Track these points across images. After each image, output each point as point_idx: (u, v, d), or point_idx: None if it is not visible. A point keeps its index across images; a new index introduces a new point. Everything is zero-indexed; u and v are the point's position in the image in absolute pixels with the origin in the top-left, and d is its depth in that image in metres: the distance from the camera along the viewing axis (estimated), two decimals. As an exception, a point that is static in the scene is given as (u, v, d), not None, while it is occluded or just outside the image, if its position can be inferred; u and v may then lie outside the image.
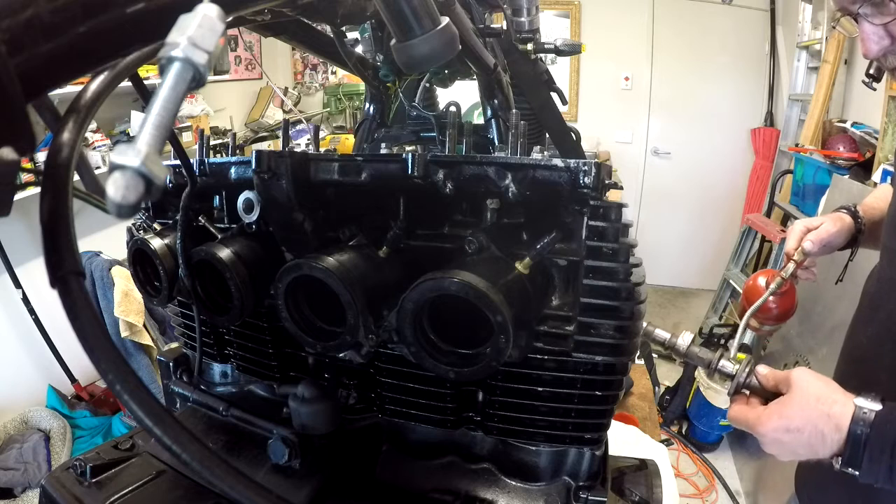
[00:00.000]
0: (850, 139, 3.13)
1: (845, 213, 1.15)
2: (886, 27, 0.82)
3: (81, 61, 0.33)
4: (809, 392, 0.73)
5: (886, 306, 0.99)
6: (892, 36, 0.82)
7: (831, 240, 1.10)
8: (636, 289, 0.65)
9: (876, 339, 1.00)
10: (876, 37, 0.83)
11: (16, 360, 2.85)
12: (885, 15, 0.80)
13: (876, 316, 1.02)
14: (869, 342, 1.02)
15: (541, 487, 0.75)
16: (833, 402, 0.72)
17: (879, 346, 0.99)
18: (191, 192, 0.78)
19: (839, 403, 0.72)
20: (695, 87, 4.90)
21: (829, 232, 1.10)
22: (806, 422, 0.72)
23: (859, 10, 0.82)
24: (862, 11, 0.82)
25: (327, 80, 5.40)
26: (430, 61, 0.57)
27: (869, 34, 0.84)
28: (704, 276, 5.10)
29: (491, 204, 0.65)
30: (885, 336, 0.98)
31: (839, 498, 1.06)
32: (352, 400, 0.84)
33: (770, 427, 0.74)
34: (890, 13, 0.79)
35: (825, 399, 0.72)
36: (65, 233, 0.32)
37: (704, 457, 3.18)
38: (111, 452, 0.84)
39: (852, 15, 0.85)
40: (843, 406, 0.71)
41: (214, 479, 0.33)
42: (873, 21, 0.82)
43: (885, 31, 0.82)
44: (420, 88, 1.28)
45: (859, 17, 0.84)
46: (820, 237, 1.09)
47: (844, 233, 1.12)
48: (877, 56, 0.86)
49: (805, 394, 0.73)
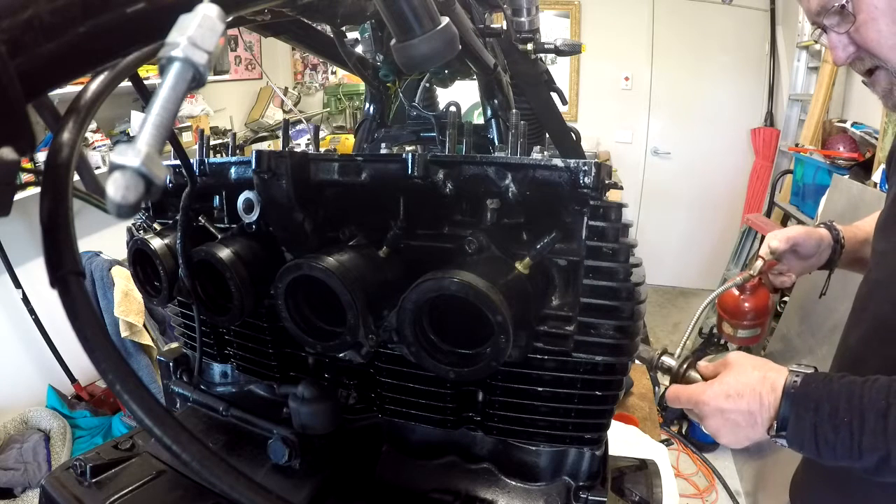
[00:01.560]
0: (850, 139, 3.13)
1: (822, 227, 1.17)
2: (849, 34, 0.86)
3: (81, 61, 0.33)
4: (746, 363, 0.79)
5: (873, 307, 1.01)
6: (855, 43, 0.87)
7: (798, 239, 1.12)
8: (636, 289, 0.65)
9: (863, 339, 1.02)
10: (841, 45, 0.88)
11: (16, 360, 2.85)
12: (847, 23, 0.85)
13: (864, 317, 1.03)
14: (857, 343, 1.03)
15: (541, 487, 0.75)
16: (769, 368, 0.78)
17: (866, 347, 1.00)
18: (191, 192, 0.78)
19: (774, 370, 0.77)
20: (695, 87, 4.90)
21: (797, 231, 1.12)
22: (744, 385, 0.77)
23: (824, 22, 0.88)
24: (827, 22, 0.87)
25: (327, 80, 5.40)
26: (430, 61, 0.57)
27: (835, 43, 0.89)
28: (704, 276, 5.11)
29: (491, 204, 0.65)
30: (872, 336, 0.99)
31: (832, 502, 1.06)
32: (352, 400, 0.84)
33: (710, 394, 0.78)
34: (850, 21, 0.85)
35: (761, 367, 0.78)
36: (65, 233, 0.32)
37: (704, 457, 3.18)
38: (111, 452, 0.84)
39: (821, 27, 0.90)
40: (777, 371, 0.77)
41: (214, 479, 0.33)
42: (838, 30, 0.87)
43: (848, 38, 0.87)
44: (420, 88, 1.28)
45: (826, 29, 0.89)
46: (786, 235, 1.12)
47: (815, 240, 1.13)
48: (845, 63, 0.91)
49: (742, 365, 0.80)
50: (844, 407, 0.70)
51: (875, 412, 0.68)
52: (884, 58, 0.85)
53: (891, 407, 0.67)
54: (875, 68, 0.89)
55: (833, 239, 1.15)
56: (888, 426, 0.67)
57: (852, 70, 0.94)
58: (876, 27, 0.83)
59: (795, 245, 1.12)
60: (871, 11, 0.82)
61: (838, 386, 0.72)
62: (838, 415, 0.70)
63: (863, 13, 0.83)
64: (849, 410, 0.69)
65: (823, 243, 1.14)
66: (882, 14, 0.82)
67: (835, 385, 0.72)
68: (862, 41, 0.85)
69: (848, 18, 0.85)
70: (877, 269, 1.02)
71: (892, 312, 0.94)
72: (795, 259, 1.15)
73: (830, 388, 0.72)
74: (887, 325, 0.95)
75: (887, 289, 0.97)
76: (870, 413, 0.68)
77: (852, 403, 0.69)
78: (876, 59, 0.86)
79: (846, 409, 0.69)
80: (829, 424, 0.70)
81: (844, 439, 0.69)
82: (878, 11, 0.82)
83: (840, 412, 0.70)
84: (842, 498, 1.02)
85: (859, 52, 0.88)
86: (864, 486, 0.95)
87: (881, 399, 0.68)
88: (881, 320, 0.97)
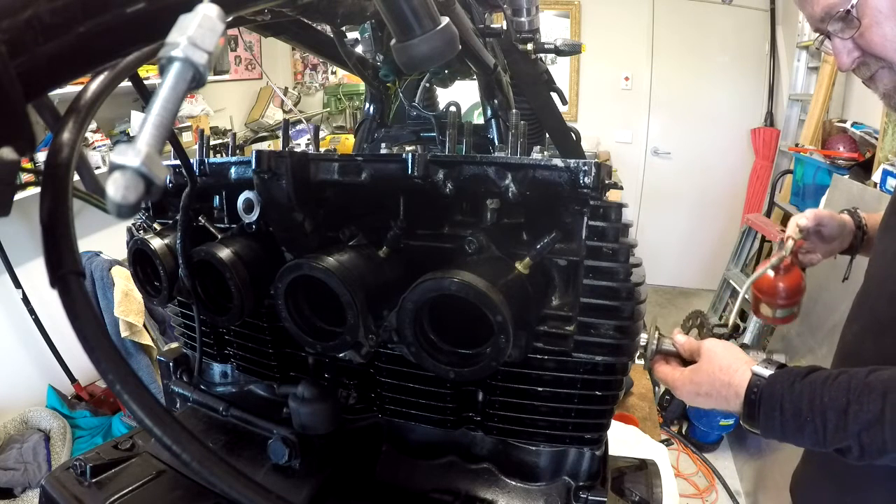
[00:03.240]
0: (850, 139, 3.13)
1: (845, 213, 1.20)
2: (854, 40, 0.87)
3: (81, 61, 0.33)
4: (714, 362, 0.82)
5: (869, 303, 1.03)
6: (860, 48, 0.88)
7: (824, 219, 1.14)
8: (636, 289, 0.65)
9: (860, 334, 1.04)
10: (846, 50, 0.89)
11: (16, 360, 2.85)
12: (851, 28, 0.86)
13: (861, 312, 1.06)
14: (854, 338, 1.06)
15: (541, 487, 0.75)
16: (734, 371, 0.80)
17: (862, 342, 1.02)
18: (191, 192, 0.78)
19: (739, 372, 0.80)
20: (695, 87, 4.90)
21: (823, 212, 1.15)
22: (711, 388, 0.82)
23: (829, 28, 0.88)
24: (831, 28, 0.88)
25: (327, 80, 5.40)
26: (430, 61, 0.57)
27: (839, 48, 0.90)
28: (704, 276, 5.10)
29: (491, 204, 0.65)
30: (867, 331, 1.01)
31: (830, 496, 1.08)
32: (352, 400, 0.84)
33: (684, 391, 0.85)
34: (854, 26, 0.85)
35: (727, 369, 0.81)
36: (65, 233, 0.32)
37: (704, 457, 3.18)
38: (111, 452, 0.84)
39: (825, 33, 0.91)
40: (741, 375, 0.80)
41: (214, 479, 0.33)
42: (842, 36, 0.88)
43: (853, 43, 0.88)
44: (420, 88, 1.28)
45: (830, 35, 0.89)
46: (814, 213, 1.14)
47: (839, 223, 1.16)
48: (850, 68, 0.91)
49: (711, 364, 0.83)
50: (807, 407, 0.73)
51: (835, 411, 0.71)
52: (890, 60, 0.86)
53: (850, 404, 0.70)
54: (878, 69, 0.89)
55: (855, 225, 1.18)
56: (848, 423, 0.70)
57: (854, 74, 0.94)
58: (881, 30, 0.84)
59: (820, 224, 1.14)
60: (875, 15, 0.83)
61: (800, 387, 0.75)
62: (801, 414, 0.73)
63: (867, 17, 0.84)
64: (811, 410, 0.73)
65: (847, 228, 1.18)
66: (886, 17, 0.83)
67: (797, 386, 0.75)
68: (867, 45, 0.86)
69: (852, 23, 0.85)
70: (875, 265, 1.05)
71: (887, 308, 0.96)
72: (819, 241, 1.17)
73: (793, 390, 0.75)
74: (882, 320, 0.97)
75: (883, 285, 0.99)
76: (831, 412, 0.71)
77: (814, 403, 0.73)
78: (881, 61, 0.87)
79: (808, 409, 0.73)
80: (793, 424, 0.74)
81: (810, 435, 0.73)
82: (882, 15, 0.83)
83: (803, 412, 0.73)
84: (839, 490, 1.05)
85: (864, 56, 0.89)
86: (861, 479, 0.98)
87: (841, 397, 0.71)
88: (876, 316, 0.99)
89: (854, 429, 0.69)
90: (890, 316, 0.95)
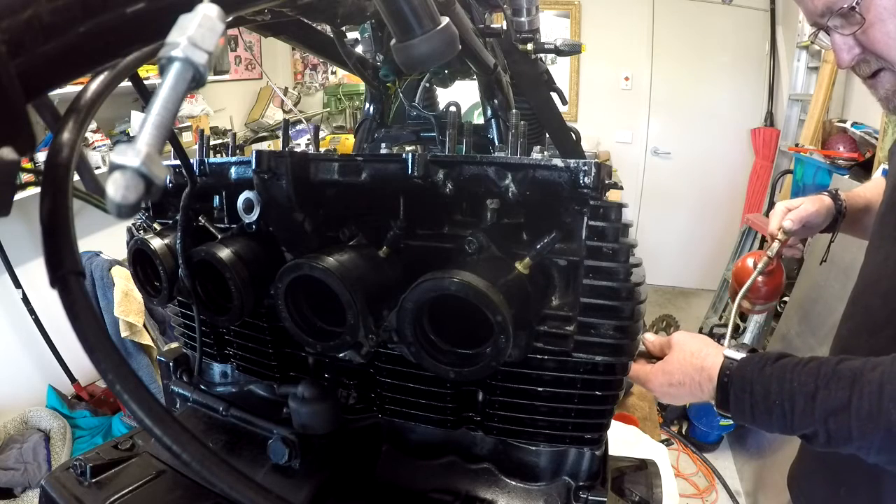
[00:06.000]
0: (850, 139, 3.13)
1: (826, 195, 1.20)
2: (855, 36, 0.85)
3: (81, 61, 0.33)
4: (685, 350, 0.83)
5: (863, 300, 1.03)
6: (861, 45, 0.86)
7: (810, 219, 1.14)
8: (636, 289, 0.65)
9: (854, 331, 1.04)
10: (846, 46, 0.87)
11: (16, 360, 2.85)
12: (853, 24, 0.84)
13: (855, 309, 1.06)
14: (848, 333, 1.06)
15: (541, 487, 0.75)
16: (706, 356, 0.81)
17: (857, 339, 1.02)
18: (191, 192, 0.78)
19: (710, 356, 0.80)
20: (695, 87, 4.90)
21: (808, 211, 1.14)
22: (684, 375, 0.82)
23: (829, 23, 0.87)
24: (831, 24, 0.86)
25: (327, 80, 5.40)
26: (430, 61, 0.57)
27: (840, 45, 0.88)
28: (704, 276, 5.10)
29: (491, 204, 0.65)
30: (862, 328, 1.01)
31: (824, 486, 1.09)
32: (352, 400, 0.84)
33: (657, 383, 0.85)
34: (857, 22, 0.83)
35: (698, 354, 0.81)
36: (65, 233, 0.32)
37: (704, 457, 3.18)
38: (111, 452, 0.84)
39: (823, 28, 0.89)
40: (713, 358, 0.80)
41: (214, 479, 0.33)
42: (843, 32, 0.86)
43: (854, 40, 0.86)
44: (420, 88, 1.28)
45: (830, 30, 0.88)
46: (799, 216, 1.14)
47: (823, 213, 1.17)
48: (850, 65, 0.90)
49: (682, 351, 0.83)
50: (776, 390, 0.73)
51: (804, 395, 0.71)
52: (892, 60, 0.84)
53: (818, 390, 0.70)
54: (879, 70, 0.88)
55: (836, 209, 1.19)
56: (815, 408, 0.70)
57: (853, 72, 0.93)
58: (884, 29, 0.82)
59: (805, 224, 1.15)
60: (881, 13, 0.81)
61: (770, 370, 0.75)
62: (770, 397, 0.73)
63: (871, 14, 0.82)
64: (780, 393, 0.73)
65: (829, 213, 1.18)
66: (890, 15, 0.81)
67: (767, 369, 0.75)
68: (869, 43, 0.84)
69: (855, 20, 0.83)
70: (869, 263, 1.05)
71: (880, 306, 0.96)
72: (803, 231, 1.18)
73: (763, 373, 0.75)
74: (875, 317, 0.97)
75: (877, 282, 0.99)
76: (799, 396, 0.71)
77: (783, 387, 0.73)
78: (882, 60, 0.86)
79: (777, 392, 0.73)
80: (762, 406, 0.74)
81: (778, 418, 0.73)
82: (886, 13, 0.81)
83: (772, 395, 0.73)
84: (834, 482, 1.05)
85: (864, 53, 0.87)
86: (855, 471, 0.98)
87: (811, 382, 0.71)
88: (870, 313, 0.99)
89: (821, 414, 0.69)
90: (884, 314, 0.95)
